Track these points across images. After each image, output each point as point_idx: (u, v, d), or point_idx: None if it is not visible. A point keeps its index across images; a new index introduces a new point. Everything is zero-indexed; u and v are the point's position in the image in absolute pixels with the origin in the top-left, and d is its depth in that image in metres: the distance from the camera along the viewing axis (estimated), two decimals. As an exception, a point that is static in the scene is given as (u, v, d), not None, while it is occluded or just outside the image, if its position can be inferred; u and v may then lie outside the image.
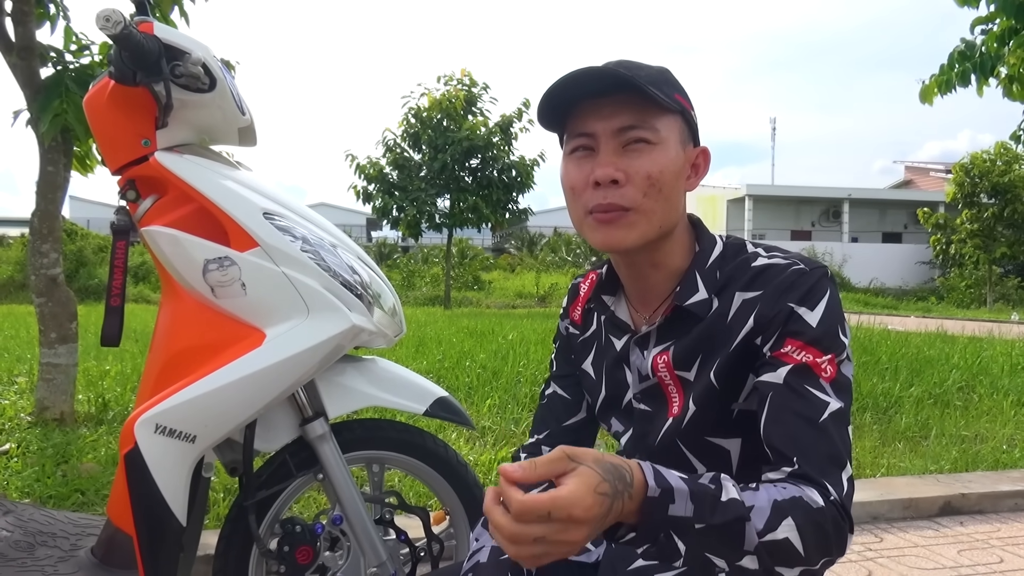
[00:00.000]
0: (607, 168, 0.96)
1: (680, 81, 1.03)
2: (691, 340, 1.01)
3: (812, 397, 0.91)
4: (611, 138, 0.97)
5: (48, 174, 3.28)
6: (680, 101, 0.99)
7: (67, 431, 3.25)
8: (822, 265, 0.99)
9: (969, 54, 4.96)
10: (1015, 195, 21.31)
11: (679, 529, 0.79)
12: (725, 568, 0.83)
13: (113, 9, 1.25)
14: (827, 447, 0.89)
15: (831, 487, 0.86)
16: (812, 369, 0.92)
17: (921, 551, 2.71)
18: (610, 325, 1.13)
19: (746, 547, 0.81)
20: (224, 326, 1.41)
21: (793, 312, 0.94)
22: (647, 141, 0.96)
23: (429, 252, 27.70)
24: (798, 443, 0.89)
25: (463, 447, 3.38)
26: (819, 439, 0.89)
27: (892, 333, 8.52)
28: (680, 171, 0.99)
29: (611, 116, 0.97)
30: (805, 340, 0.93)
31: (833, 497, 0.86)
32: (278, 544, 1.51)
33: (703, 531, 0.79)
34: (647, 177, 0.96)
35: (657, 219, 0.98)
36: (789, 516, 0.82)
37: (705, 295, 1.01)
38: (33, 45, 3.24)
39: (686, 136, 1.01)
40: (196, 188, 1.41)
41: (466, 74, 14.52)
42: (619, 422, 1.14)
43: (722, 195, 31.03)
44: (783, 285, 0.96)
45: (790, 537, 0.81)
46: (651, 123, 0.96)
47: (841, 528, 0.85)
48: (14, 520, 1.72)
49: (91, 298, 14.18)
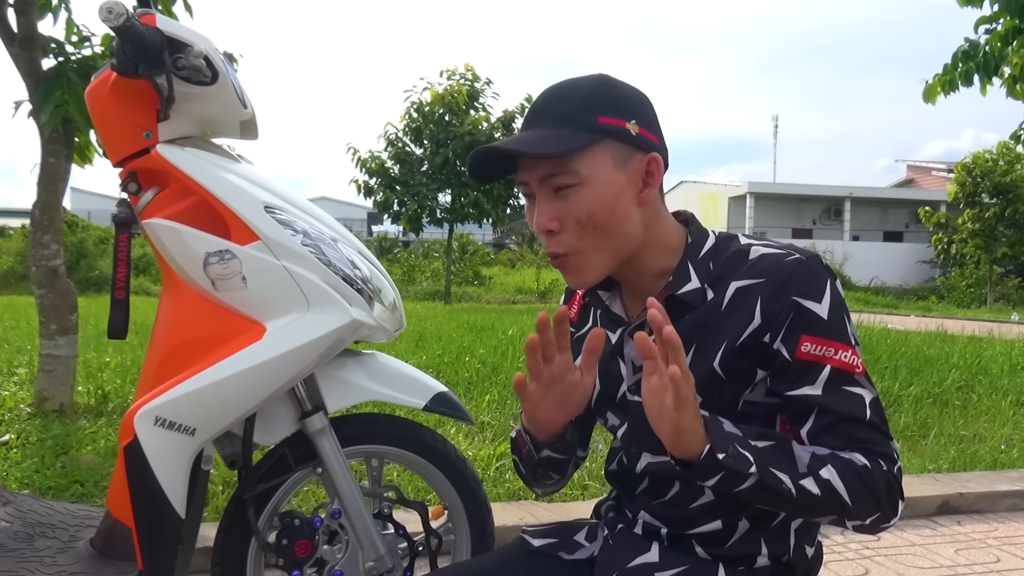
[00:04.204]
0: (541, 219, 0.99)
1: (615, 90, 0.99)
2: (683, 328, 1.00)
3: (853, 398, 0.96)
4: (540, 186, 1.00)
5: (49, 165, 3.28)
6: (606, 123, 0.97)
7: (67, 422, 3.26)
8: (816, 253, 1.00)
9: (973, 54, 4.95)
10: (1017, 195, 21.27)
11: (740, 443, 0.91)
12: (791, 488, 0.90)
13: (116, 1, 1.25)
14: (876, 442, 0.95)
15: (882, 461, 0.94)
16: (844, 370, 0.96)
17: (918, 550, 2.72)
18: (605, 319, 1.14)
19: (801, 469, 0.91)
20: (224, 319, 1.42)
21: (799, 306, 0.95)
22: (570, 185, 0.97)
23: (430, 247, 27.68)
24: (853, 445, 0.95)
25: (462, 442, 3.39)
26: (870, 438, 0.96)
27: (892, 332, 8.52)
28: (616, 199, 0.98)
29: (534, 167, 0.99)
30: (820, 335, 0.95)
31: (886, 467, 0.94)
32: (277, 537, 1.52)
33: (759, 449, 0.91)
34: (577, 221, 0.98)
35: (605, 252, 1.00)
36: (829, 464, 0.92)
37: (698, 284, 1.01)
38: (35, 36, 3.24)
39: (624, 154, 0.98)
40: (197, 181, 1.41)
41: (469, 68, 14.51)
42: (614, 415, 1.14)
43: (723, 192, 30.99)
44: (782, 276, 0.96)
45: (832, 480, 0.91)
46: (569, 167, 0.97)
47: (893, 491, 0.93)
48: (13, 511, 1.72)
49: (91, 290, 14.19)
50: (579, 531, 1.18)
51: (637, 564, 1.05)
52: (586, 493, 2.97)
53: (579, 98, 0.98)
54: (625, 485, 1.15)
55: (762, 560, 1.03)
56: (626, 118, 0.98)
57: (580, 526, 1.19)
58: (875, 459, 0.94)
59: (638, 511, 1.11)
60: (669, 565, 1.03)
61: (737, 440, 0.91)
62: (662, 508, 1.08)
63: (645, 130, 1.00)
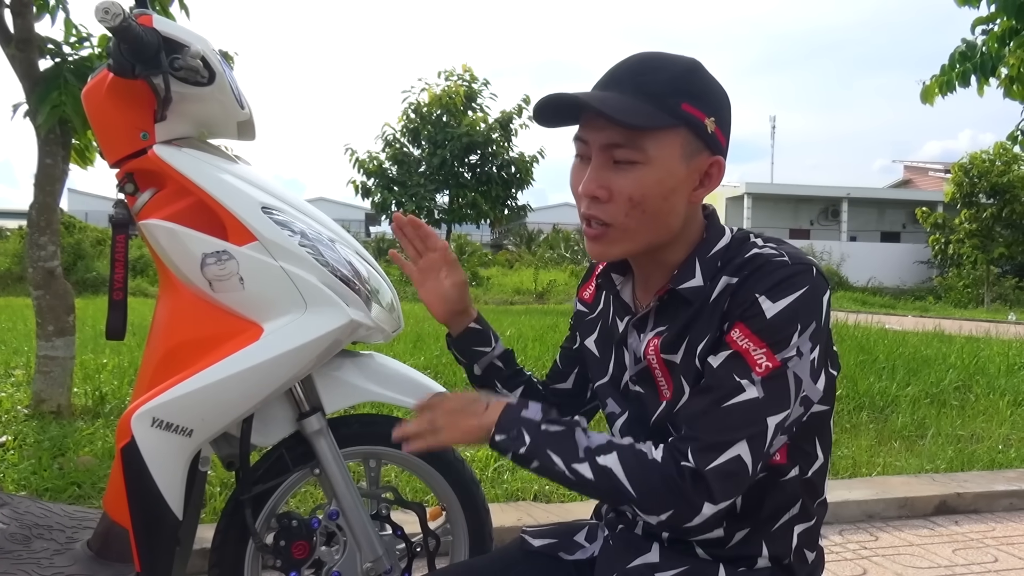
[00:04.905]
0: (590, 185, 0.98)
1: (704, 82, 0.98)
2: (680, 325, 1.02)
3: (730, 382, 0.93)
4: (600, 152, 0.97)
5: (46, 166, 3.27)
6: (688, 111, 0.95)
7: (64, 424, 3.25)
8: (809, 264, 0.96)
9: (970, 54, 4.96)
10: (1014, 195, 21.31)
11: (528, 425, 1.01)
12: (564, 470, 0.97)
13: (112, 1, 1.25)
14: (714, 425, 0.92)
15: (691, 454, 0.92)
16: (743, 358, 0.93)
17: (916, 550, 2.72)
18: (616, 305, 1.14)
19: (580, 454, 0.97)
20: (221, 320, 1.41)
21: (755, 301, 0.94)
22: (633, 161, 0.95)
23: (428, 248, 27.56)
24: (692, 419, 0.94)
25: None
26: (712, 418, 0.93)
27: (889, 332, 8.53)
28: (673, 189, 0.97)
29: (601, 129, 0.96)
30: (752, 328, 0.93)
31: (686, 462, 0.92)
32: (274, 538, 1.51)
33: (545, 433, 1.00)
34: (629, 198, 0.96)
35: (641, 237, 0.99)
36: (615, 452, 0.96)
37: (701, 282, 1.01)
38: (32, 37, 3.23)
39: (694, 148, 0.97)
40: (194, 182, 1.41)
41: (467, 69, 14.50)
42: (615, 403, 1.15)
43: (721, 193, 30.97)
44: (760, 275, 0.95)
45: (612, 468, 0.95)
46: (639, 142, 0.95)
47: (678, 487, 0.91)
48: (10, 513, 1.72)
49: (89, 291, 14.17)
50: (579, 531, 1.18)
51: (637, 564, 1.05)
52: (584, 494, 2.97)
53: (668, 77, 0.96)
54: None
55: (762, 562, 1.03)
56: (707, 113, 0.97)
57: (580, 527, 1.19)
58: (671, 452, 0.93)
59: None
60: (669, 565, 1.03)
61: (524, 423, 1.01)
62: None
63: (719, 131, 0.99)
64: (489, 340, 1.33)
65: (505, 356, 1.34)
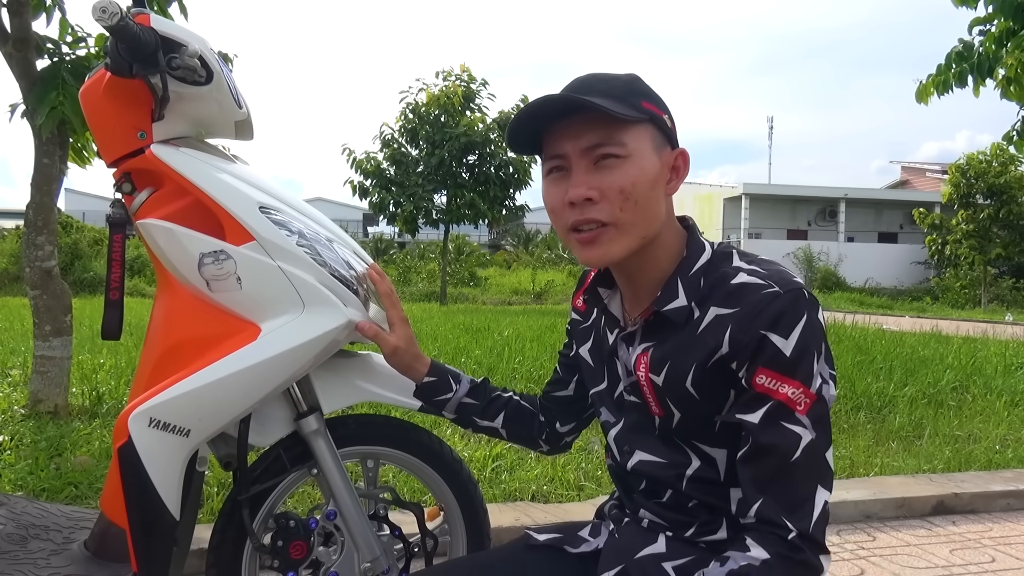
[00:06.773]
0: (579, 188, 0.99)
1: (649, 87, 1.04)
2: (667, 346, 1.03)
3: (787, 436, 0.93)
4: (581, 157, 1.00)
5: (44, 166, 3.27)
6: (649, 108, 1.01)
7: (61, 424, 3.25)
8: (798, 286, 0.97)
9: (967, 55, 4.96)
10: (1011, 196, 21.35)
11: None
12: None
13: (110, 0, 1.25)
14: (793, 485, 0.92)
15: (789, 523, 0.90)
16: (786, 405, 0.93)
17: (914, 550, 2.72)
18: (606, 317, 1.16)
19: None
20: (219, 320, 1.41)
21: (765, 339, 0.94)
22: (616, 156, 0.98)
23: (425, 248, 27.66)
24: (766, 485, 0.93)
25: (457, 443, 3.38)
26: (788, 478, 0.92)
27: (887, 333, 8.54)
28: (655, 179, 1.00)
29: (578, 136, 0.99)
30: (778, 370, 0.93)
31: (790, 535, 0.90)
32: (272, 538, 1.51)
33: None
34: (620, 191, 0.98)
35: (637, 230, 1.01)
36: None
37: (684, 302, 1.02)
38: (29, 36, 3.22)
39: (660, 142, 1.02)
40: (192, 181, 1.40)
41: (465, 69, 14.50)
42: (609, 412, 1.17)
43: (719, 193, 31.02)
44: (756, 309, 0.95)
45: None
46: (618, 138, 0.98)
47: (797, 562, 0.90)
48: (7, 513, 1.71)
49: (86, 291, 14.16)
50: (583, 528, 1.21)
51: (645, 555, 1.06)
52: (582, 494, 2.97)
53: (622, 83, 1.01)
54: (624, 483, 1.17)
55: None
56: (663, 110, 1.03)
57: (584, 524, 1.22)
58: (769, 537, 0.91)
59: (639, 510, 1.12)
60: (676, 555, 1.05)
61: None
62: (660, 509, 1.09)
63: (674, 129, 1.05)
64: (448, 385, 1.34)
65: (475, 390, 1.35)
